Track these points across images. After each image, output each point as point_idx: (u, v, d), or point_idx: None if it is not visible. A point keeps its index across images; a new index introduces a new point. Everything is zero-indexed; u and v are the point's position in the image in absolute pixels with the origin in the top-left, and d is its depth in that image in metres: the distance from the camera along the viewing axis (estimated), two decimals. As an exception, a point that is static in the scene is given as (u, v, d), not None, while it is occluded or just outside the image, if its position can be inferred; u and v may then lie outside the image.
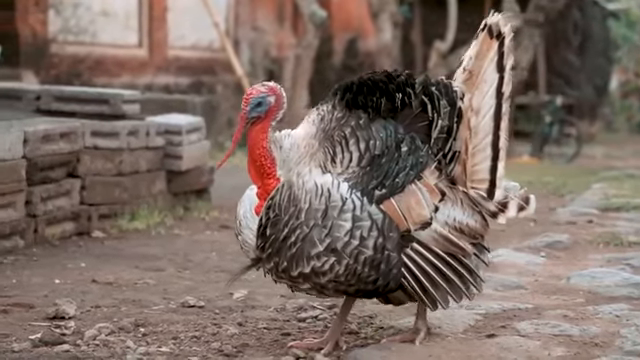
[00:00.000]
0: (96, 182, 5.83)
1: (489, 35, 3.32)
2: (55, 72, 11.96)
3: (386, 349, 3.24)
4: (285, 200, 3.12)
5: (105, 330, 3.48)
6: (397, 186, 3.16)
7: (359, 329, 3.61)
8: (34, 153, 5.25)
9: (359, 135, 3.19)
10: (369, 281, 3.15)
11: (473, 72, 3.31)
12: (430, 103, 3.25)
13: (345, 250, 3.09)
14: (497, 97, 3.31)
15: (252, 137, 3.19)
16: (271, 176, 3.18)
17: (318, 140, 3.19)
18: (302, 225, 3.09)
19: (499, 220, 3.35)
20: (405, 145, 3.21)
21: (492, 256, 5.02)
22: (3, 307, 3.83)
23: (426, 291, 3.23)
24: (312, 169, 3.15)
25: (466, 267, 3.28)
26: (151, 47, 13.96)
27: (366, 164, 3.16)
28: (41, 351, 3.27)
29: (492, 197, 3.31)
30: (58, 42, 12.15)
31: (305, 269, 3.12)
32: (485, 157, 3.31)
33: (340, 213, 3.09)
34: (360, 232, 3.09)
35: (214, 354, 3.29)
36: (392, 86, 3.24)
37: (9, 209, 5.07)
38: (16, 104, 6.58)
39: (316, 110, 3.28)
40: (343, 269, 3.11)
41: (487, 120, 3.31)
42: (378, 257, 3.12)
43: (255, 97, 3.18)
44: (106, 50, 13.02)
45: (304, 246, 3.10)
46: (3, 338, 3.41)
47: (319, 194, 3.10)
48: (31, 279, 4.45)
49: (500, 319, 3.72)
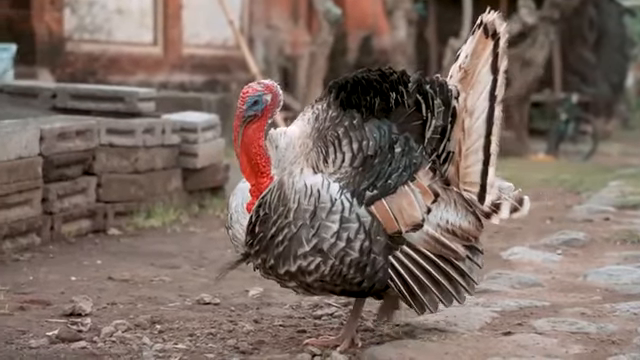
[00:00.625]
0: (112, 180, 5.84)
1: (484, 34, 3.28)
2: (70, 70, 12.01)
3: (402, 346, 3.23)
4: (275, 199, 3.11)
5: (121, 327, 3.49)
6: (389, 187, 3.13)
7: (375, 326, 3.60)
8: (50, 151, 5.27)
9: (352, 135, 3.16)
10: (354, 282, 3.14)
11: (468, 71, 3.28)
12: (424, 102, 3.21)
13: (331, 251, 3.08)
14: (490, 100, 3.27)
15: (248, 136, 3.16)
16: (265, 175, 3.16)
17: (312, 139, 3.17)
18: (290, 224, 3.09)
19: (492, 221, 3.31)
20: (399, 146, 3.18)
21: (508, 254, 5.02)
22: (20, 304, 3.84)
23: (414, 295, 3.19)
24: (304, 169, 3.13)
25: (458, 270, 3.24)
26: (166, 45, 13.99)
27: (358, 165, 3.14)
28: (58, 347, 3.28)
29: (482, 202, 3.28)
30: (74, 40, 12.19)
31: (291, 268, 3.11)
32: (477, 160, 3.28)
33: (328, 214, 3.07)
34: (347, 234, 3.08)
35: (230, 351, 3.29)
36: (386, 85, 3.20)
37: (26, 206, 5.09)
38: (32, 102, 6.60)
39: (311, 108, 3.25)
40: (329, 269, 3.10)
41: (480, 123, 3.28)
42: (364, 260, 3.10)
43: (252, 95, 3.16)
44: (121, 48, 13.06)
45: (291, 245, 3.09)
46: (20, 334, 3.43)
47: (308, 194, 3.09)
48: (48, 276, 4.46)
49: (517, 317, 3.71)
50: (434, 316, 3.66)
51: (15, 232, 4.98)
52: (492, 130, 3.28)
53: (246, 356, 3.23)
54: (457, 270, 3.24)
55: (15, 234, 4.98)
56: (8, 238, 4.93)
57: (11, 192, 4.94)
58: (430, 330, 3.46)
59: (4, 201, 4.89)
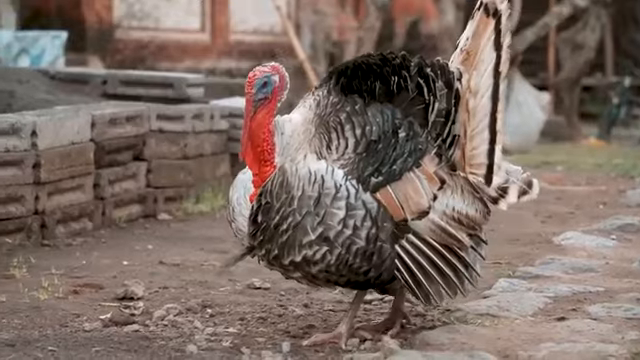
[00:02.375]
0: (162, 165, 5.88)
1: (485, 13, 3.21)
2: (120, 57, 12.12)
3: (454, 331, 3.20)
4: (277, 187, 3.02)
5: (173, 311, 3.51)
6: (394, 173, 3.06)
7: (425, 311, 3.58)
8: (102, 137, 5.32)
9: (355, 121, 3.08)
10: (360, 272, 3.06)
11: (470, 52, 3.22)
12: (426, 86, 3.14)
13: (337, 239, 3.00)
14: (494, 77, 3.21)
15: (258, 120, 3.06)
16: (269, 163, 3.07)
17: (314, 126, 3.09)
18: (294, 212, 3.00)
19: (500, 206, 3.23)
20: (403, 131, 3.10)
21: (561, 239, 4.96)
22: (74, 288, 3.89)
23: (420, 285, 3.10)
24: (307, 155, 3.05)
25: (462, 261, 3.15)
26: (213, 32, 14.04)
27: (362, 150, 3.06)
28: (111, 331, 3.31)
29: (489, 183, 3.20)
30: (123, 27, 12.29)
31: (296, 258, 3.03)
32: (483, 140, 3.20)
33: (333, 201, 2.99)
34: (353, 221, 2.99)
35: (281, 335, 3.29)
36: (387, 69, 3.13)
37: (78, 192, 5.14)
38: (83, 88, 6.68)
39: (312, 95, 3.18)
40: (335, 259, 3.02)
41: (485, 101, 3.21)
42: (370, 248, 3.02)
43: (259, 77, 3.07)
44: (169, 35, 13.14)
45: (296, 234, 3.01)
46: (74, 318, 3.47)
47: (312, 181, 3.01)
48: (100, 260, 4.51)
49: (570, 302, 3.66)
50: (486, 301, 3.63)
51: (68, 217, 5.04)
52: (497, 107, 3.21)
53: (297, 340, 3.23)
54: (461, 261, 3.15)
55: (68, 219, 5.04)
56: (61, 223, 4.98)
57: (64, 177, 4.99)
58: (482, 315, 3.43)
59: (57, 186, 4.95)
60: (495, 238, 5.02)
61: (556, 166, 8.86)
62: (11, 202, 4.69)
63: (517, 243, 4.95)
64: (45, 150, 4.84)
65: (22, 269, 4.17)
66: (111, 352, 3.07)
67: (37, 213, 4.83)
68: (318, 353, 3.11)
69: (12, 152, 4.70)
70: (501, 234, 5.11)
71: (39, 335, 3.25)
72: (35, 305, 3.60)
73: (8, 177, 4.67)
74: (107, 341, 3.18)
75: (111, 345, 3.13)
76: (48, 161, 4.86)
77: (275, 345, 3.16)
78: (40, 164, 4.81)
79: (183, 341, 3.19)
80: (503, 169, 3.24)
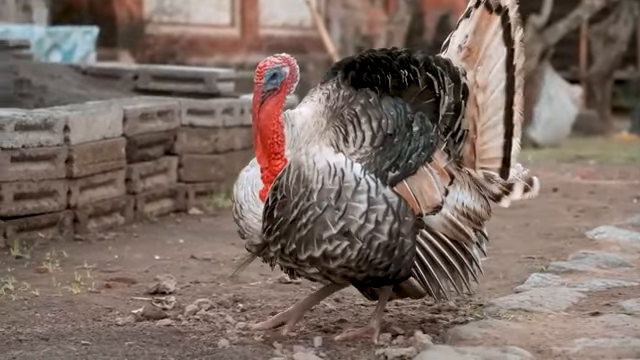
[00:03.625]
0: (192, 160, 5.90)
1: (487, 10, 3.19)
2: (150, 52, 12.18)
3: (487, 326, 3.18)
4: (294, 181, 2.96)
5: (205, 305, 3.52)
6: (410, 168, 3.03)
7: (458, 306, 3.56)
8: (133, 131, 5.34)
9: (370, 113, 3.05)
10: (381, 267, 3.01)
11: (472, 49, 3.19)
12: (436, 80, 3.11)
13: (359, 234, 2.95)
14: (508, 71, 3.19)
15: (267, 111, 3.01)
16: (279, 157, 3.01)
17: (326, 118, 3.05)
18: (314, 206, 2.94)
19: (502, 203, 3.21)
20: (416, 125, 3.07)
21: (594, 233, 4.91)
22: (106, 282, 3.91)
23: (432, 280, 3.08)
24: (322, 148, 3.00)
25: (468, 256, 3.14)
26: (243, 26, 14.07)
27: (379, 144, 3.02)
28: (144, 325, 3.33)
29: (506, 177, 3.18)
30: (153, 23, 12.35)
31: (315, 253, 2.97)
32: (496, 134, 3.18)
33: (354, 194, 2.94)
34: (375, 216, 2.95)
35: (312, 329, 3.29)
36: (396, 63, 3.11)
37: (110, 186, 5.17)
38: (114, 83, 6.70)
39: (319, 89, 3.13)
40: (355, 254, 2.97)
41: (497, 95, 3.18)
42: (393, 243, 2.98)
43: (270, 68, 3.02)
44: (199, 30, 13.18)
45: (315, 228, 2.94)
46: (107, 312, 3.49)
47: (332, 174, 2.95)
48: (132, 255, 4.53)
49: (604, 297, 3.62)
50: (519, 296, 3.61)
51: (100, 212, 5.07)
52: (513, 100, 3.19)
53: (328, 335, 3.22)
54: (467, 256, 3.14)
55: (100, 214, 5.07)
56: (93, 217, 5.01)
57: (96, 172, 5.02)
58: (515, 310, 3.41)
59: (89, 181, 4.98)
60: (528, 233, 5.01)
61: (588, 160, 8.78)
62: (44, 197, 4.72)
63: (550, 238, 4.91)
64: (77, 145, 4.87)
65: (55, 263, 4.20)
66: (144, 346, 3.08)
67: (69, 208, 4.86)
68: (350, 348, 3.10)
69: (45, 147, 4.73)
70: (534, 229, 5.07)
71: (72, 329, 3.27)
72: (68, 299, 3.63)
73: (41, 172, 4.70)
74: (140, 335, 3.19)
75: (143, 339, 3.15)
76: (80, 156, 4.89)
77: (307, 340, 3.15)
78: (72, 159, 4.84)
79: (215, 336, 3.20)
80: (516, 164, 3.23)
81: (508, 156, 3.19)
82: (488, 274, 4.06)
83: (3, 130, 4.53)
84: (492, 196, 3.21)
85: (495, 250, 4.54)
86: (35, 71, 6.46)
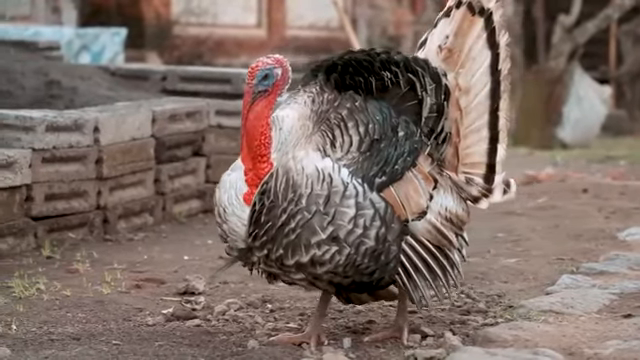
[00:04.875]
0: (220, 161, 5.90)
1: (470, 11, 3.14)
2: (177, 53, 12.24)
3: (517, 328, 3.16)
4: (282, 186, 2.92)
5: (234, 306, 3.53)
6: (397, 173, 2.99)
7: (487, 308, 3.54)
8: (162, 132, 5.36)
9: (357, 118, 3.00)
10: (366, 273, 2.98)
11: (453, 50, 3.14)
12: (417, 81, 3.06)
13: (347, 239, 2.91)
14: (492, 75, 3.14)
15: (256, 112, 2.97)
16: (265, 159, 2.96)
17: (312, 122, 3.00)
18: (303, 211, 2.90)
19: (480, 205, 3.17)
20: (401, 129, 3.03)
21: (625, 234, 4.86)
22: (136, 282, 3.93)
23: (416, 287, 3.04)
24: (309, 152, 2.95)
25: (450, 261, 3.10)
26: (270, 27, 14.11)
27: (366, 149, 2.98)
28: (174, 325, 3.34)
29: (491, 183, 3.15)
30: (181, 24, 12.41)
31: (303, 258, 2.93)
32: (480, 139, 3.14)
33: (343, 199, 2.91)
34: (363, 220, 2.92)
35: (341, 330, 3.28)
36: (377, 65, 3.06)
37: (139, 187, 5.20)
38: (143, 84, 6.73)
39: (303, 92, 3.07)
40: (344, 259, 2.93)
41: (481, 99, 3.14)
42: (379, 248, 2.95)
43: (262, 69, 2.97)
44: (226, 31, 13.23)
45: (304, 234, 2.91)
46: (137, 312, 3.51)
47: (321, 179, 2.91)
48: (161, 255, 4.55)
49: (637, 299, 3.58)
50: (549, 298, 3.58)
51: (129, 212, 5.09)
52: (499, 105, 3.15)
53: (357, 336, 3.22)
54: (449, 261, 3.10)
55: (129, 214, 5.10)
56: (122, 218, 5.04)
57: (125, 173, 5.05)
58: (545, 312, 3.39)
59: (119, 182, 5.01)
60: (558, 234, 4.97)
61: (619, 161, 8.71)
62: (74, 197, 4.76)
63: (580, 239, 4.86)
64: (107, 146, 4.90)
65: (85, 264, 4.23)
66: (174, 346, 3.09)
67: (99, 208, 4.89)
68: (379, 349, 3.10)
69: (75, 148, 4.77)
70: (564, 230, 5.03)
71: (103, 329, 3.29)
72: (99, 299, 3.65)
73: (72, 172, 4.73)
74: (170, 335, 3.21)
75: (174, 339, 3.16)
76: (110, 157, 4.92)
77: (336, 341, 3.15)
78: (102, 160, 4.87)
79: (244, 336, 3.20)
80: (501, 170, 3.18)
81: (493, 162, 3.15)
82: (518, 275, 4.04)
83: (34, 131, 4.57)
84: (470, 198, 3.17)
85: (525, 251, 4.52)
86: (65, 72, 6.50)
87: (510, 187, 3.22)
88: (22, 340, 3.16)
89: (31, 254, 4.41)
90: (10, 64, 6.26)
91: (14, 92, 5.98)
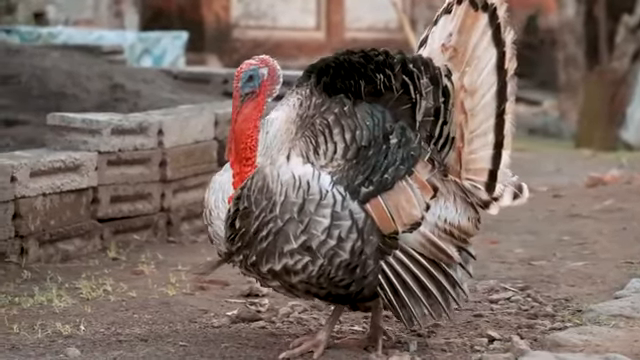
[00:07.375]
0: (282, 163, 5.93)
1: (472, 7, 3.00)
2: (237, 56, 12.32)
3: (587, 333, 3.11)
4: (256, 192, 2.86)
5: (298, 308, 3.53)
6: (386, 183, 2.86)
7: (555, 312, 3.49)
8: (224, 135, 5.38)
9: (344, 124, 2.89)
10: (341, 285, 2.89)
11: (458, 49, 3.00)
12: (411, 83, 2.93)
13: (320, 249, 2.83)
14: (498, 74, 2.99)
15: (245, 114, 2.92)
16: (250, 163, 2.91)
17: (296, 126, 2.91)
18: (276, 219, 2.83)
19: (491, 210, 3.02)
20: (395, 137, 2.90)
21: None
22: (200, 284, 3.95)
23: (404, 306, 2.91)
24: (291, 158, 2.87)
25: (449, 279, 2.95)
26: (328, 29, 14.12)
27: (352, 157, 2.87)
28: (239, 327, 3.35)
29: (492, 192, 2.99)
30: (240, 27, 12.50)
31: (275, 266, 2.87)
32: (486, 143, 2.99)
33: (318, 208, 2.82)
34: (338, 232, 2.82)
35: (407, 334, 3.26)
36: (371, 66, 2.94)
37: (202, 189, 5.21)
38: (205, 87, 6.79)
39: (295, 93, 2.98)
40: (317, 270, 2.85)
41: (487, 100, 2.99)
42: (355, 261, 2.84)
43: (246, 71, 2.93)
44: (285, 33, 13.28)
45: (277, 241, 2.84)
46: (202, 314, 3.52)
47: (296, 186, 2.83)
48: (224, 257, 4.56)
49: None
50: (619, 302, 3.51)
51: (192, 214, 5.13)
52: (505, 107, 2.99)
53: (423, 339, 3.20)
54: (448, 279, 2.95)
55: (192, 216, 5.13)
56: (185, 220, 5.08)
57: (188, 175, 5.09)
58: (615, 316, 3.32)
59: (182, 184, 5.05)
60: (626, 237, 4.87)
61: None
62: (139, 199, 4.81)
63: (649, 242, 4.76)
64: (171, 148, 4.94)
65: (150, 265, 4.27)
66: (240, 348, 3.10)
67: (163, 210, 4.93)
68: (445, 352, 3.07)
69: (140, 150, 4.82)
70: (632, 233, 4.93)
71: (169, 330, 3.32)
72: (164, 301, 3.68)
73: (136, 175, 4.79)
74: (235, 337, 3.22)
75: (239, 341, 3.17)
76: (173, 159, 4.96)
77: (402, 344, 3.13)
78: (166, 162, 4.91)
79: (310, 338, 3.19)
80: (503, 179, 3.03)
81: (496, 169, 3.00)
82: (586, 279, 3.97)
83: (100, 134, 4.63)
84: (480, 203, 3.03)
85: (592, 255, 4.44)
86: (129, 76, 6.59)
87: (522, 191, 3.06)
88: (91, 341, 3.20)
89: (97, 256, 4.47)
90: (75, 68, 6.37)
91: (79, 95, 6.08)
